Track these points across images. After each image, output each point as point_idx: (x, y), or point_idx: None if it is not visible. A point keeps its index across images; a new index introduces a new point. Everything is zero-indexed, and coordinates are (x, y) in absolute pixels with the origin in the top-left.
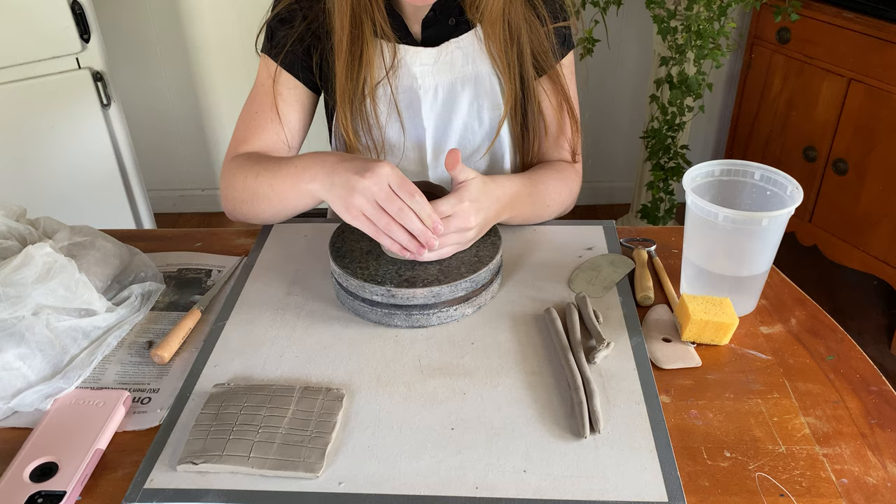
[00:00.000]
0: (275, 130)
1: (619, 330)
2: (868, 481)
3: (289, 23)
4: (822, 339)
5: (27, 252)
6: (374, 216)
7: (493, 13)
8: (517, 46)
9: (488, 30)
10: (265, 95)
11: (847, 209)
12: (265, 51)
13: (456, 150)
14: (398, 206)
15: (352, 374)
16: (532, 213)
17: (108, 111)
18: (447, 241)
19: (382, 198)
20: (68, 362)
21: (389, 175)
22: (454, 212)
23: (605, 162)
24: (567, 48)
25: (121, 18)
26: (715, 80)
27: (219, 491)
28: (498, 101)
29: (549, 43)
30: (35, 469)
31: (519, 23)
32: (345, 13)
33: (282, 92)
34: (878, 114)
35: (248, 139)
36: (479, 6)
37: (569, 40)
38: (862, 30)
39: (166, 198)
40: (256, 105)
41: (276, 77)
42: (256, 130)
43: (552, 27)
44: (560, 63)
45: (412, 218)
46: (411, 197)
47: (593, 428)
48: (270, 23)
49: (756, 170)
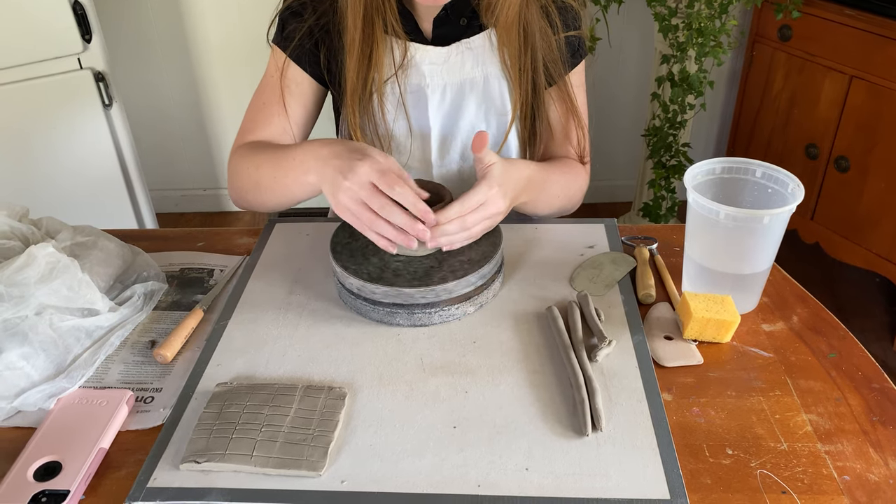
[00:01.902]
0: (281, 122)
1: (621, 328)
2: (870, 478)
3: (299, 16)
4: (824, 336)
5: (30, 252)
6: (357, 213)
7: (509, 18)
8: (531, 52)
9: (503, 35)
10: (273, 87)
11: (849, 206)
12: (276, 42)
13: (484, 132)
14: (380, 203)
15: (354, 373)
16: (542, 200)
17: (110, 111)
18: (479, 227)
19: (365, 196)
20: (71, 362)
21: (369, 173)
22: (486, 199)
23: (607, 160)
24: (578, 58)
25: (122, 18)
26: (716, 77)
27: (222, 490)
28: (506, 105)
29: (560, 51)
30: (39, 468)
31: (534, 30)
32: (358, 12)
33: (289, 85)
34: (879, 111)
35: (255, 130)
36: (494, 10)
37: (581, 49)
38: (864, 27)
39: (168, 198)
40: (265, 96)
41: (285, 69)
42: (263, 122)
43: (563, 35)
44: (570, 72)
45: (395, 213)
46: (391, 188)
47: (595, 426)
48: (282, 14)
49: (757, 167)
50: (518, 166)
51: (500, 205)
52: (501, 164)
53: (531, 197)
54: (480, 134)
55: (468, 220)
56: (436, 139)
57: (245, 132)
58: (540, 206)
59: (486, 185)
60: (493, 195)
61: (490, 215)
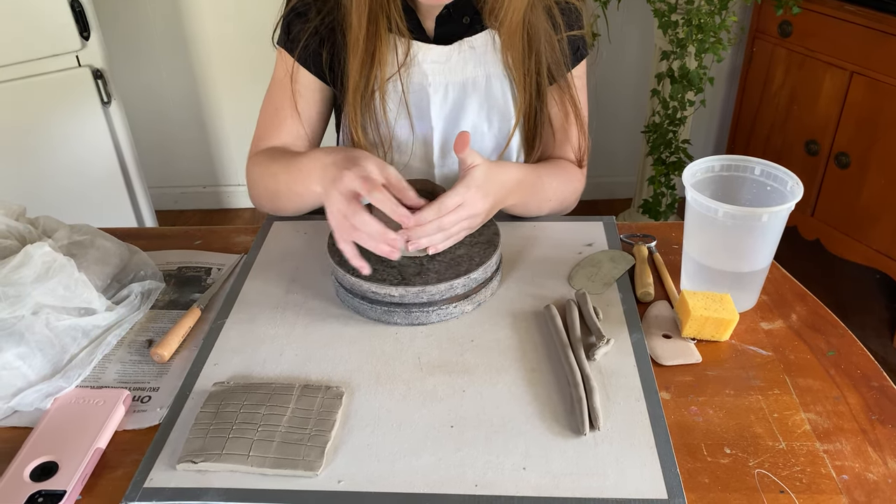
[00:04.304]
0: (294, 126)
1: (619, 326)
2: (869, 477)
3: (304, 16)
4: (823, 334)
5: (26, 251)
6: (336, 224)
7: (513, 23)
8: (535, 56)
9: (507, 39)
10: (283, 90)
11: (849, 203)
12: (282, 44)
13: (466, 132)
14: (353, 211)
15: (351, 372)
16: (532, 203)
17: (109, 109)
18: (457, 228)
19: (343, 209)
20: (68, 361)
21: (353, 180)
22: (463, 200)
23: (607, 157)
24: (580, 57)
25: (120, 15)
26: (716, 74)
27: (218, 490)
28: (509, 106)
29: (563, 52)
30: (35, 468)
31: (538, 33)
32: (363, 10)
33: (299, 88)
34: (880, 107)
35: (269, 136)
36: (497, 14)
37: (582, 49)
38: (864, 23)
39: (167, 195)
40: (276, 101)
41: (294, 72)
42: (276, 127)
43: (566, 35)
44: (571, 72)
45: (367, 222)
46: (370, 193)
47: (593, 425)
48: (287, 16)
49: (756, 165)
50: (505, 169)
51: (478, 206)
52: (485, 165)
53: (520, 199)
54: (462, 134)
55: (445, 221)
56: (438, 139)
57: (260, 139)
58: (531, 208)
59: (463, 186)
60: (472, 196)
61: (468, 216)
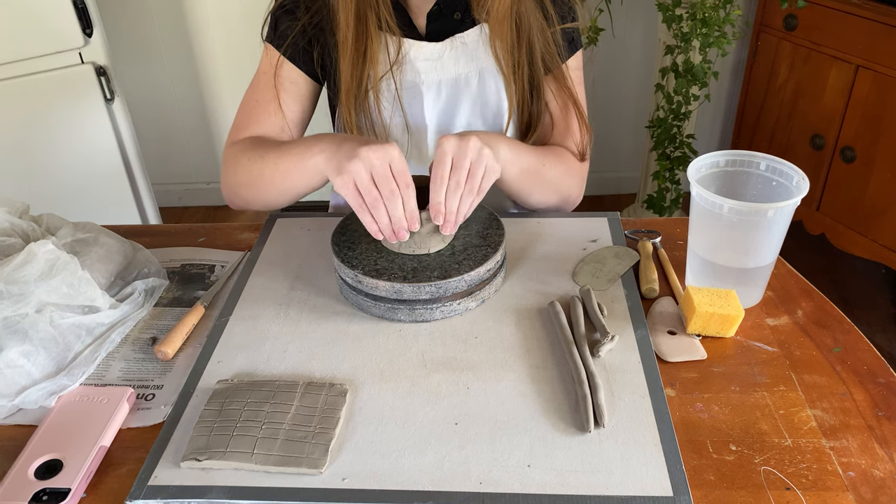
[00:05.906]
0: (276, 120)
1: (624, 323)
2: (875, 474)
3: (292, 14)
4: (829, 330)
5: (30, 249)
6: (365, 189)
7: (501, 12)
8: (527, 46)
9: (495, 28)
10: (266, 85)
11: (855, 197)
12: (269, 40)
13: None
14: (390, 188)
15: (355, 370)
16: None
17: (112, 106)
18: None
19: (379, 173)
20: (72, 359)
21: (394, 157)
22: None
23: (611, 152)
24: (574, 49)
25: (123, 12)
26: (721, 68)
27: (222, 487)
28: (502, 103)
29: (556, 43)
30: (40, 466)
31: (529, 22)
32: (349, 9)
33: (283, 83)
34: (886, 101)
35: (249, 126)
36: (484, 4)
37: (577, 41)
38: (870, 16)
39: (171, 192)
40: (258, 94)
41: (279, 67)
42: (257, 119)
43: (559, 27)
44: (566, 63)
45: (398, 205)
46: (406, 186)
47: (598, 422)
48: (275, 12)
49: (762, 160)
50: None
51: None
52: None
53: (513, 155)
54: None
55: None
56: (432, 137)
57: (239, 129)
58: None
59: (440, 150)
60: (451, 143)
61: (469, 162)
